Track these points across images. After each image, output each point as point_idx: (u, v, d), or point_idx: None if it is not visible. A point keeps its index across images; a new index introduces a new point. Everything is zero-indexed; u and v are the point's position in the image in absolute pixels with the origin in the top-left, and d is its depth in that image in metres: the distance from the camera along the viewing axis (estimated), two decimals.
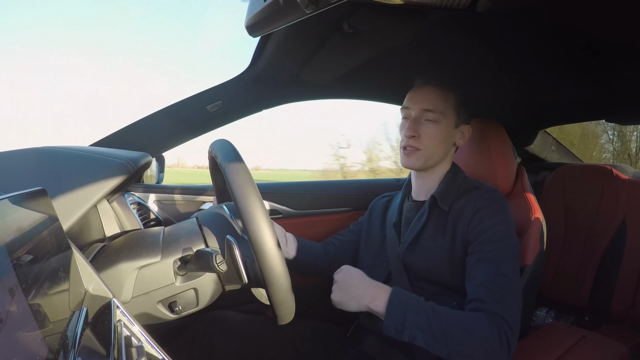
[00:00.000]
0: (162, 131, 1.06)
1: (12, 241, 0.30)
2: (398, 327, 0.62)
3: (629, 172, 1.38)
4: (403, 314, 0.63)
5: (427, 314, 0.63)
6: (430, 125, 0.78)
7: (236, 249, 0.58)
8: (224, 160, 0.58)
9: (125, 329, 0.44)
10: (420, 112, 0.79)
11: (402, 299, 0.65)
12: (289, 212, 1.20)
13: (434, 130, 0.78)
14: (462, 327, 0.61)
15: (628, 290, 1.23)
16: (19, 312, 0.27)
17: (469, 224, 0.73)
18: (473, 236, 0.72)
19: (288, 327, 0.64)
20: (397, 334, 0.62)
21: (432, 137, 0.78)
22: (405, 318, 0.62)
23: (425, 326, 0.61)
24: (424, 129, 0.78)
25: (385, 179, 1.64)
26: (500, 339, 0.61)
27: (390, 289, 0.67)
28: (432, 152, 0.79)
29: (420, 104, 0.79)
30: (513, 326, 0.63)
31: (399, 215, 0.86)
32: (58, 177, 0.54)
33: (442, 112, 0.78)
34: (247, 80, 1.02)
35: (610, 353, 0.78)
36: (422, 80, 0.83)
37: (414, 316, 0.62)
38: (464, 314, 0.64)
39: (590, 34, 0.72)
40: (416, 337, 0.61)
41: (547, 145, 1.66)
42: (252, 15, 0.59)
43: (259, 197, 0.54)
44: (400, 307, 0.64)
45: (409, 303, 0.64)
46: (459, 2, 0.51)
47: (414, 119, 0.79)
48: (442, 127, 0.78)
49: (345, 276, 0.71)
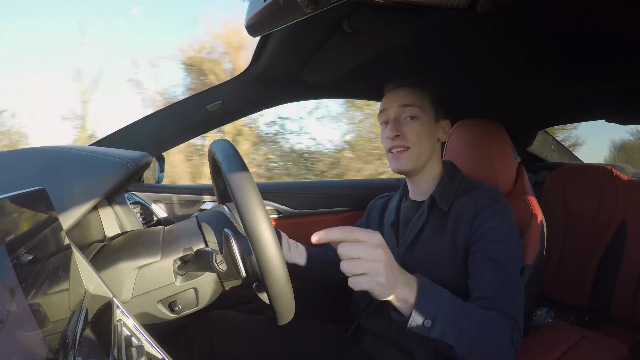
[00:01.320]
0: (162, 131, 1.06)
1: (12, 241, 0.30)
2: (428, 322, 0.54)
3: (629, 172, 1.38)
4: (435, 307, 0.55)
5: (456, 309, 0.57)
6: (412, 123, 0.78)
7: (234, 241, 0.58)
8: (222, 156, 0.58)
9: (125, 328, 0.44)
10: (399, 110, 0.78)
11: (433, 291, 0.57)
12: (289, 212, 1.20)
13: (416, 126, 0.78)
14: (486, 325, 0.58)
15: (628, 290, 1.23)
16: (19, 312, 0.27)
17: (471, 224, 0.73)
18: (477, 236, 0.71)
19: (288, 327, 0.63)
20: (425, 329, 0.54)
21: (417, 134, 0.78)
22: (437, 312, 0.54)
23: (457, 322, 0.55)
24: (406, 127, 0.78)
25: (385, 178, 1.64)
26: (512, 340, 0.60)
27: (414, 277, 0.57)
28: (420, 149, 0.78)
29: (397, 101, 0.79)
30: (520, 326, 0.62)
31: (397, 216, 0.86)
32: (58, 177, 0.54)
33: (420, 106, 0.78)
34: (247, 80, 1.02)
35: (610, 353, 0.77)
36: (392, 84, 0.82)
37: (447, 311, 0.55)
38: (486, 311, 0.60)
39: (590, 34, 0.72)
40: (447, 333, 0.55)
41: (547, 145, 1.66)
42: (252, 15, 0.59)
43: (256, 189, 0.53)
44: (432, 299, 0.55)
45: (441, 295, 0.57)
46: (459, 2, 0.51)
47: (394, 119, 0.79)
48: (424, 122, 0.78)
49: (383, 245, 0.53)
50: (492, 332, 0.59)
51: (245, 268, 0.59)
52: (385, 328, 0.79)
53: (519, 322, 0.62)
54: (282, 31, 0.74)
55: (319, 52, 0.83)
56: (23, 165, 0.56)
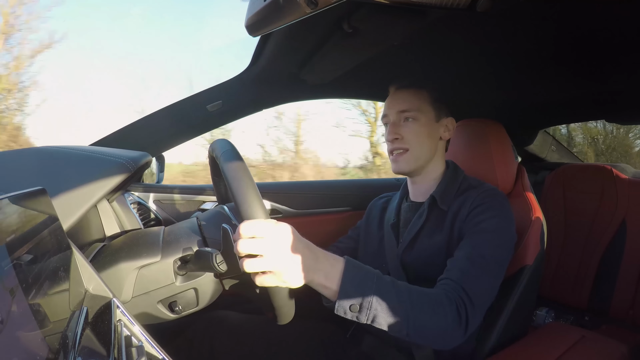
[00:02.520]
0: (162, 131, 1.06)
1: (12, 241, 0.30)
2: (355, 307, 0.53)
3: (629, 172, 1.38)
4: (361, 292, 0.53)
5: (387, 293, 0.55)
6: (410, 124, 0.79)
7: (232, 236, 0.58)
8: (220, 153, 0.57)
9: (125, 328, 0.44)
10: (397, 115, 0.81)
11: (358, 275, 0.55)
12: (289, 212, 1.20)
13: (414, 127, 0.79)
14: (423, 305, 0.57)
15: (628, 290, 1.23)
16: (19, 312, 0.27)
17: (464, 220, 0.73)
18: (465, 229, 0.72)
19: (288, 327, 0.63)
20: (354, 315, 0.54)
21: (415, 135, 0.79)
22: (363, 297, 0.53)
23: (387, 306, 0.54)
24: (404, 129, 0.79)
25: (386, 178, 1.64)
26: (459, 315, 0.58)
27: (342, 259, 0.55)
28: (419, 149, 0.79)
29: (395, 107, 0.81)
30: (475, 302, 0.60)
31: (397, 216, 0.87)
32: (58, 177, 0.54)
33: (418, 109, 0.79)
34: (247, 80, 1.02)
35: (610, 353, 0.77)
36: (394, 86, 0.84)
37: (374, 295, 0.53)
38: (426, 290, 0.59)
39: (591, 34, 0.72)
40: (377, 318, 0.54)
41: (547, 145, 1.66)
42: (252, 14, 0.59)
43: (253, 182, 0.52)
44: (357, 284, 0.53)
45: (368, 278, 0.55)
46: (459, 2, 0.51)
47: (393, 122, 0.81)
48: (422, 123, 0.79)
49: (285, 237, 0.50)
50: (430, 311, 0.57)
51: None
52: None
53: (472, 296, 0.60)
54: (282, 31, 0.74)
55: (319, 52, 0.83)
56: (23, 165, 0.56)
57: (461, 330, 0.59)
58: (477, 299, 0.61)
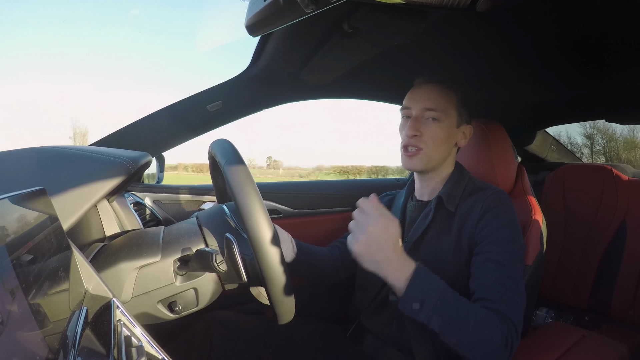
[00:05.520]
0: (162, 131, 1.06)
1: (12, 241, 0.30)
2: (416, 304, 0.60)
3: (629, 172, 1.38)
4: (424, 293, 0.60)
5: (447, 300, 0.61)
6: (433, 124, 0.77)
7: (235, 247, 0.58)
8: (223, 159, 0.58)
9: (125, 329, 0.44)
10: (421, 111, 0.78)
11: (426, 278, 0.62)
12: (289, 212, 1.20)
13: (436, 129, 0.77)
14: (478, 321, 0.60)
15: (628, 290, 1.23)
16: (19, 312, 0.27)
17: (476, 225, 0.73)
18: (480, 237, 0.71)
19: (288, 327, 0.63)
20: (413, 312, 0.60)
21: (434, 137, 0.77)
22: (425, 298, 0.60)
23: (444, 312, 0.60)
24: (426, 128, 0.77)
25: (386, 178, 1.64)
26: (506, 340, 0.61)
27: (414, 263, 0.63)
28: (434, 152, 0.78)
29: (421, 102, 0.78)
30: (518, 328, 0.63)
31: (403, 215, 0.86)
32: (58, 177, 0.54)
33: (444, 110, 0.77)
34: (247, 80, 1.02)
35: (610, 353, 0.77)
36: (423, 78, 0.81)
37: (435, 299, 0.60)
38: (481, 309, 0.63)
39: (590, 34, 0.72)
40: (432, 320, 0.60)
41: (547, 145, 1.66)
42: (252, 15, 0.59)
43: (258, 194, 0.54)
44: (421, 286, 0.61)
45: (432, 284, 0.62)
46: (459, 2, 0.50)
47: (416, 117, 0.78)
48: (445, 126, 0.78)
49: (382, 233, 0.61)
50: (484, 329, 0.60)
51: (246, 272, 0.59)
52: (385, 328, 0.79)
53: (517, 325, 0.63)
54: (282, 31, 0.74)
55: (319, 52, 0.83)
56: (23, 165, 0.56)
57: (506, 353, 0.61)
58: (518, 323, 0.63)
